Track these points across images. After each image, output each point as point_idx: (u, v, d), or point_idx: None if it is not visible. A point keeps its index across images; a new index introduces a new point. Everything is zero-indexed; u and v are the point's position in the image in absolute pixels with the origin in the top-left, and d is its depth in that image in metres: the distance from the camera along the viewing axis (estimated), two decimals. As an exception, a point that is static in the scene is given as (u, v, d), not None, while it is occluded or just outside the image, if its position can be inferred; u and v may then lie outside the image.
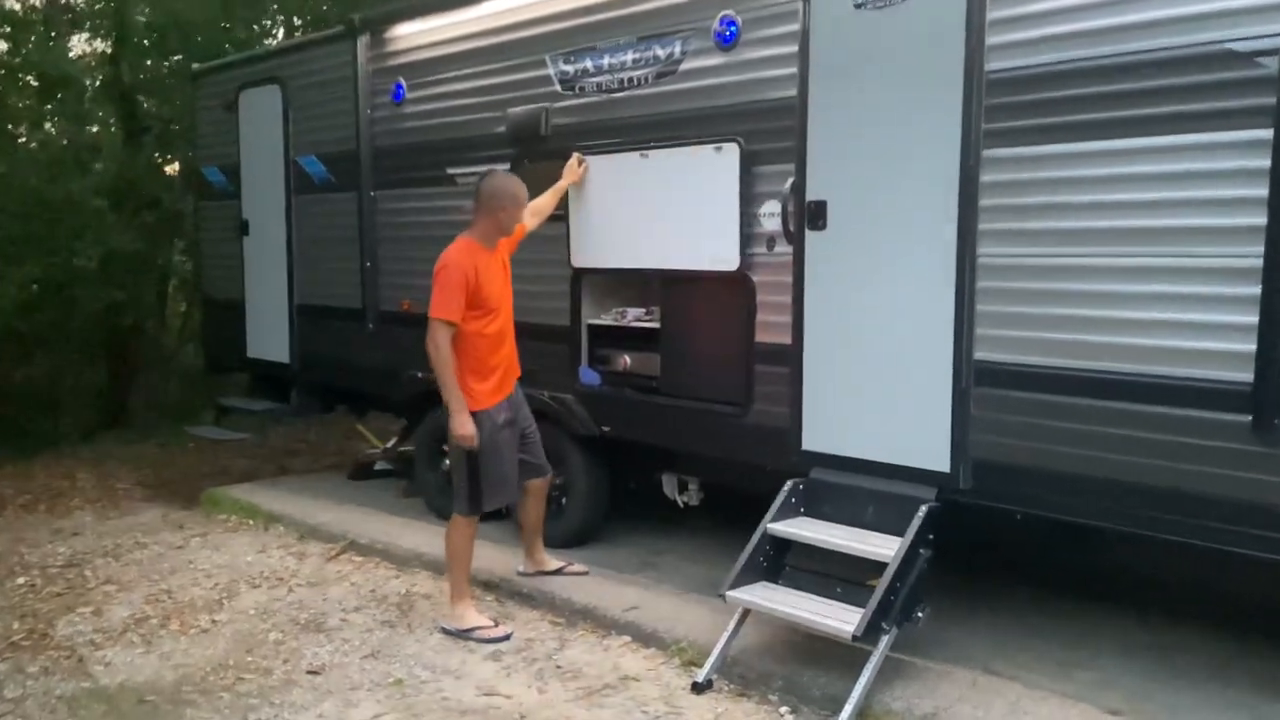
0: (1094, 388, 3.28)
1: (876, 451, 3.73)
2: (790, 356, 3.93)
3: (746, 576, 3.75)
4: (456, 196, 5.23)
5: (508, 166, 4.87)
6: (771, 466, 4.00)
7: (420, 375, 5.19)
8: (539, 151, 4.78)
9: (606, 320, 4.67)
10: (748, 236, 4.05)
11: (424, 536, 5.20)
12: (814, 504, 3.87)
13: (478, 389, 4.00)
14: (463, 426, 3.83)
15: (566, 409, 4.71)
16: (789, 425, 3.94)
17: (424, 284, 4.87)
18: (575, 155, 4.29)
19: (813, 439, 3.92)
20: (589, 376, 4.70)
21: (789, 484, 3.87)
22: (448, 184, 5.29)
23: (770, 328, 4.02)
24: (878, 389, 3.73)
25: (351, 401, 6.53)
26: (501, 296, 4.03)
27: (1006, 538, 3.88)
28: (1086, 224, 3.30)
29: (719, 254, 4.14)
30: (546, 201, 4.39)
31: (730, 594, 3.74)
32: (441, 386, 3.79)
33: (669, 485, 4.80)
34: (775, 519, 3.80)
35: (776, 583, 3.77)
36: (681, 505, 4.79)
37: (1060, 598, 4.27)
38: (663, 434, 4.45)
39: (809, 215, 3.83)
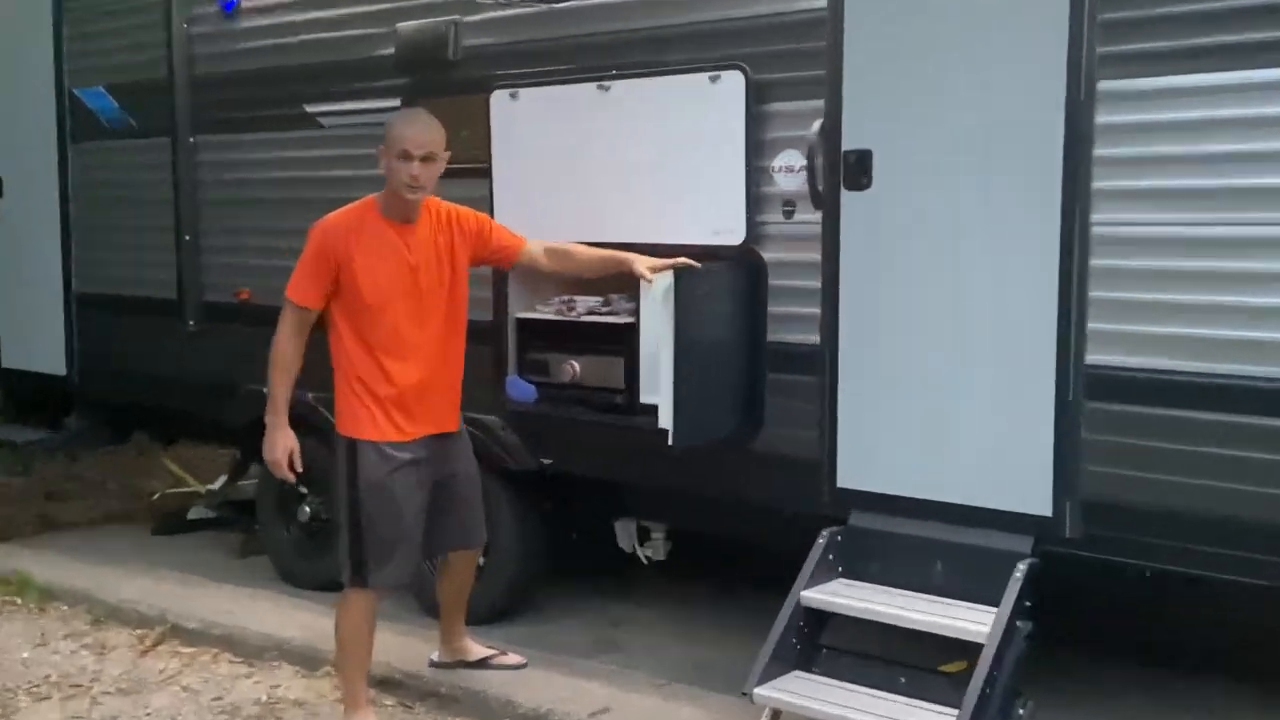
0: (1261, 401, 3.02)
1: (946, 489, 3.49)
2: (819, 360, 3.68)
3: (777, 665, 3.47)
4: (320, 144, 4.88)
5: (398, 102, 4.52)
6: (791, 510, 3.80)
7: (266, 390, 4.67)
8: (444, 83, 4.40)
9: (546, 313, 4.35)
10: (757, 199, 3.78)
11: (280, 614, 4.76)
12: (857, 561, 3.64)
13: (360, 411, 3.65)
14: (271, 449, 3.62)
15: (490, 435, 4.35)
16: (817, 454, 3.70)
17: (269, 265, 4.83)
18: (681, 261, 3.72)
19: (852, 472, 3.67)
20: (521, 390, 4.36)
21: (824, 535, 3.61)
22: (307, 127, 4.90)
23: (789, 322, 3.77)
24: (946, 405, 3.49)
25: (156, 427, 6.21)
26: (404, 294, 3.63)
27: (1122, 600, 3.61)
28: (1251, 181, 3.02)
29: (715, 222, 3.85)
30: (585, 257, 3.91)
31: (759, 692, 3.42)
32: (267, 386, 3.61)
33: (625, 534, 4.55)
34: (811, 584, 3.56)
35: (811, 671, 3.52)
36: (644, 560, 4.53)
37: (1157, 667, 4.08)
38: (628, 467, 4.15)
39: (846, 170, 3.58)
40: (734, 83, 3.75)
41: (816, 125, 3.60)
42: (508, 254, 3.89)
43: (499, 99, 4.28)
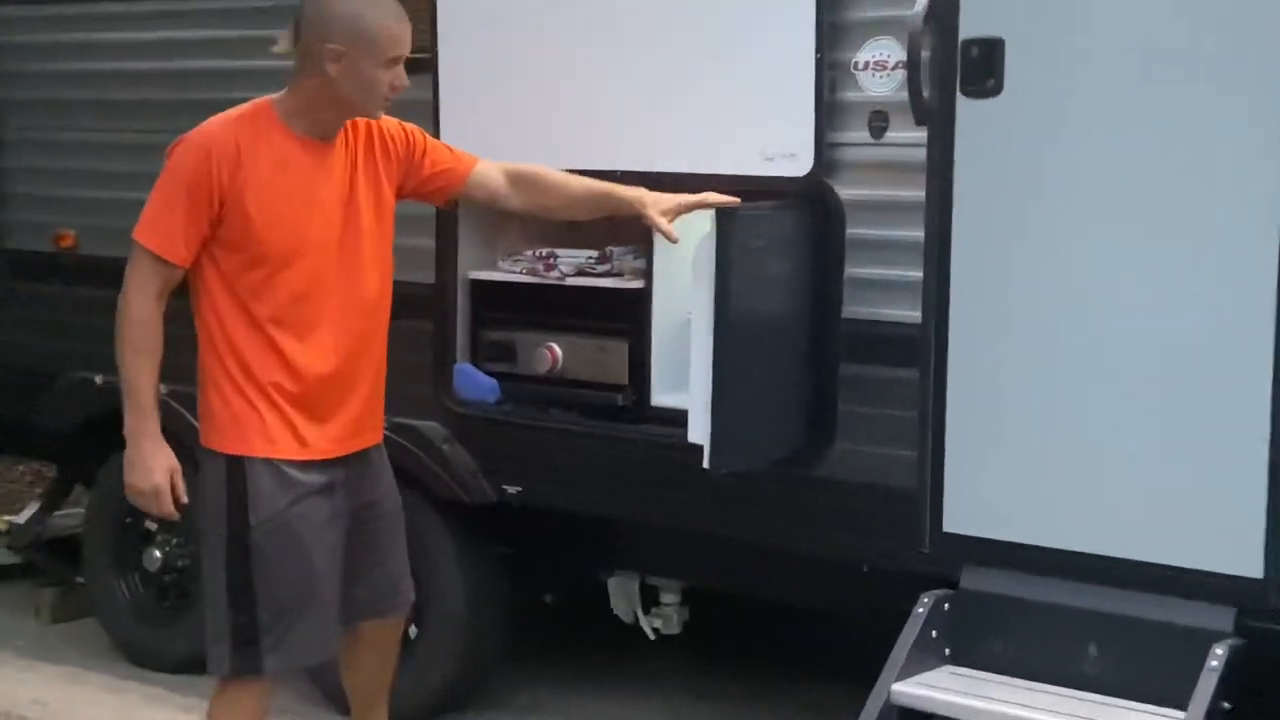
0: None
1: (1105, 538, 3.45)
2: (918, 348, 3.67)
3: (856, 792, 3.49)
4: (184, 21, 4.92)
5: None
6: (873, 564, 3.84)
7: (100, 381, 4.95)
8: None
9: (514, 273, 4.41)
10: (832, 109, 3.78)
11: (119, 708, 4.83)
12: (970, 640, 3.62)
13: (246, 416, 3.59)
14: (142, 471, 3.52)
15: (428, 452, 4.41)
16: (913, 484, 3.69)
17: (104, 198, 4.98)
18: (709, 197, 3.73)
19: (965, 512, 3.64)
20: (475, 385, 4.41)
21: (924, 601, 3.59)
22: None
23: (875, 290, 3.78)
24: (1106, 415, 3.46)
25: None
26: (316, 245, 3.60)
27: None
28: None
29: (768, 143, 3.85)
30: (567, 189, 3.87)
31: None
32: (119, 373, 3.54)
33: (623, 596, 4.61)
34: (905, 674, 3.51)
35: (904, 795, 3.57)
36: (650, 634, 4.59)
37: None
38: (631, 500, 4.19)
39: (966, 68, 3.54)
40: (800, -58, 3.75)
41: (922, 2, 3.52)
42: (448, 180, 3.80)
43: (451, -42, 4.28)
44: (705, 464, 3.62)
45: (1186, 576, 3.34)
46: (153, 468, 3.49)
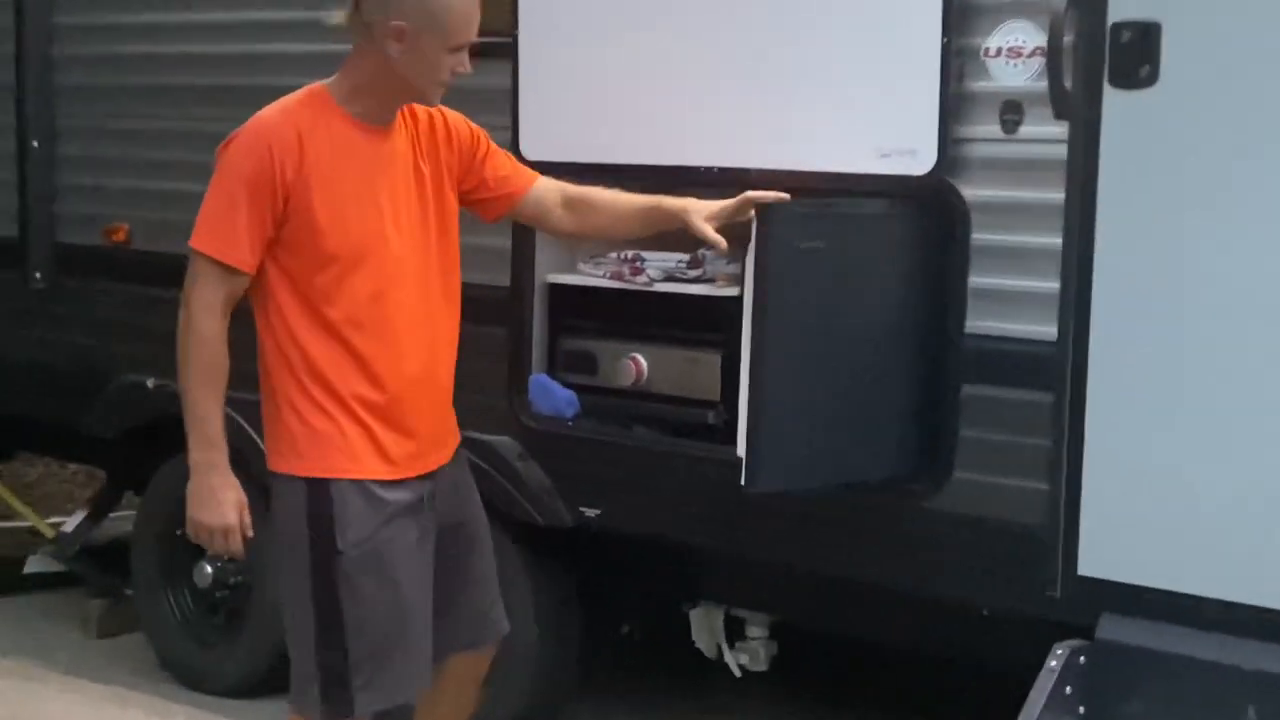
0: None
1: (1265, 588, 3.27)
2: (1054, 367, 3.52)
3: None
4: (249, 4, 4.90)
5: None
6: (997, 609, 3.71)
7: (152, 385, 4.98)
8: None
9: (596, 277, 4.34)
10: (959, 100, 3.65)
11: None
12: (1109, 697, 3.45)
13: (326, 433, 3.48)
14: (212, 506, 3.42)
15: (501, 470, 4.34)
16: (1043, 521, 3.54)
17: (161, 190, 4.97)
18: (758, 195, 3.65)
19: (1102, 555, 3.48)
20: (551, 398, 4.34)
21: (1057, 654, 3.43)
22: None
23: (1005, 303, 3.62)
24: (1268, 446, 3.28)
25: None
26: (386, 238, 3.53)
27: None
28: None
29: (885, 138, 3.74)
30: (616, 208, 3.84)
31: None
32: (182, 398, 3.48)
33: (706, 629, 4.57)
34: None
35: None
36: (735, 670, 4.53)
37: None
38: (718, 526, 4.10)
39: (1115, 56, 3.39)
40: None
41: (1062, -17, 3.49)
42: (505, 189, 3.72)
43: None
44: (741, 481, 3.51)
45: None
46: (223, 503, 3.41)
